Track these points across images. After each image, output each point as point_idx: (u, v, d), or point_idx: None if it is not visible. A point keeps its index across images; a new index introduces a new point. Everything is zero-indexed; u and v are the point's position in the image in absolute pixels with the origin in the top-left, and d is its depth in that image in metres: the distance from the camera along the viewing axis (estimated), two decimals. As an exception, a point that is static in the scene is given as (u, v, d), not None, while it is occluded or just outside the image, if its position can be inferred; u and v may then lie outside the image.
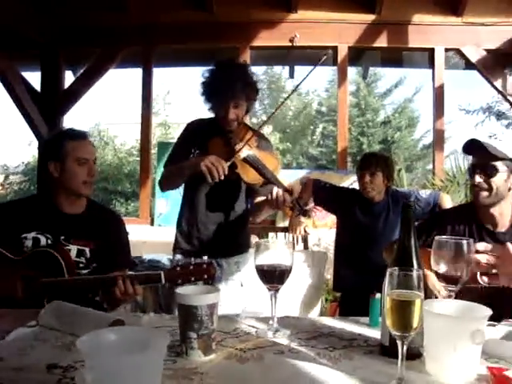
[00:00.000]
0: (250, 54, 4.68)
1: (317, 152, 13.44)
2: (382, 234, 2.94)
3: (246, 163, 2.21)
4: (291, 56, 5.07)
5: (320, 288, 3.03)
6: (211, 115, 2.40)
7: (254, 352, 1.27)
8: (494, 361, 1.24)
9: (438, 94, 4.72)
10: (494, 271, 1.41)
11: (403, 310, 1.00)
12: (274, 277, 1.41)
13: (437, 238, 1.42)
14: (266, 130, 13.92)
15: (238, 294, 2.39)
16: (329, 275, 3.42)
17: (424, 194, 3.21)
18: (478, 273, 1.41)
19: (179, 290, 1.27)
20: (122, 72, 5.69)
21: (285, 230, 3.37)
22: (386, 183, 3.06)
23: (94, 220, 2.12)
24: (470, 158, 2.17)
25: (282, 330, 1.43)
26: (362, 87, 14.71)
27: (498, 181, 2.01)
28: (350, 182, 4.18)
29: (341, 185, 3.94)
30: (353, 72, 11.67)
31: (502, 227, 2.09)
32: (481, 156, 2.06)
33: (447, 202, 3.12)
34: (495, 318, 1.51)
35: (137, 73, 4.94)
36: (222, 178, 2.08)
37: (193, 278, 1.63)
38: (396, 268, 1.02)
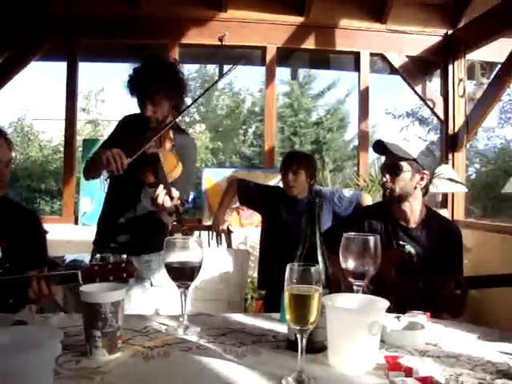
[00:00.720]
0: (178, 52, 4.63)
1: (250, 151, 13.53)
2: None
3: (146, 161, 2.17)
4: (221, 55, 5.06)
5: (242, 286, 3.05)
6: None
7: (161, 349, 1.26)
8: (393, 350, 1.30)
9: (363, 97, 4.87)
10: None
11: (301, 305, 1.02)
12: (183, 274, 1.40)
13: (345, 234, 1.47)
14: (198, 129, 13.88)
15: (148, 294, 2.35)
16: (255, 273, 3.45)
17: (347, 193, 3.30)
18: None
19: (83, 288, 1.24)
20: (50, 65, 5.47)
21: (209, 228, 3.37)
22: (309, 181, 3.12)
23: (6, 218, 2.03)
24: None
25: (192, 328, 1.43)
26: (295, 88, 14.94)
27: (402, 180, 2.11)
28: (277, 180, 4.23)
29: (267, 183, 3.98)
30: (287, 73, 11.84)
31: (414, 223, 2.19)
32: (388, 156, 2.17)
33: (368, 200, 3.23)
34: (401, 310, 1.58)
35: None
36: (121, 172, 2.05)
37: (111, 277, 1.58)
38: (295, 263, 1.04)
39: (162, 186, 2.06)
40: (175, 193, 2.06)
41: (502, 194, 5.59)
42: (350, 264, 1.44)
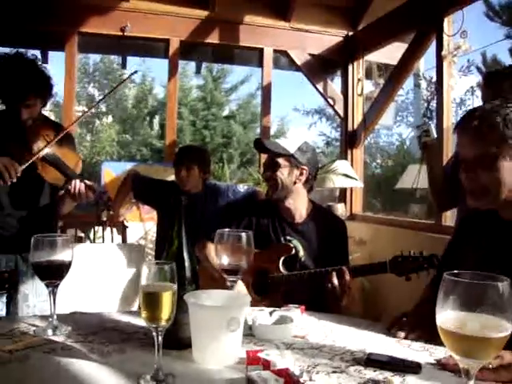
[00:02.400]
0: (78, 40, 4.46)
1: (160, 144, 13.29)
2: (198, 227, 3.00)
3: (46, 163, 2.13)
4: (123, 46, 4.94)
5: (138, 282, 3.01)
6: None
7: (22, 353, 1.21)
8: (261, 344, 1.33)
9: (266, 93, 4.94)
10: None
11: (154, 303, 1.02)
12: (51, 273, 1.36)
13: (218, 231, 1.49)
14: (105, 121, 13.48)
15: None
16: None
17: (242, 188, 3.34)
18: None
19: None
20: None
21: (105, 223, 3.29)
22: (203, 176, 3.13)
23: None
24: None
25: (62, 327, 1.39)
26: (208, 81, 14.88)
27: (280, 175, 2.18)
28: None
29: (168, 178, 3.94)
30: (202, 67, 11.73)
31: (300, 218, 2.26)
32: (267, 154, 2.24)
33: (262, 196, 3.28)
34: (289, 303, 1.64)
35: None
36: (15, 180, 2.00)
37: None
38: (152, 261, 1.04)
39: (74, 181, 2.12)
40: (89, 183, 2.13)
41: (399, 189, 5.89)
42: (223, 260, 1.46)
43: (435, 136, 2.74)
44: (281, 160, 2.18)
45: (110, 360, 1.18)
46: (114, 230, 3.40)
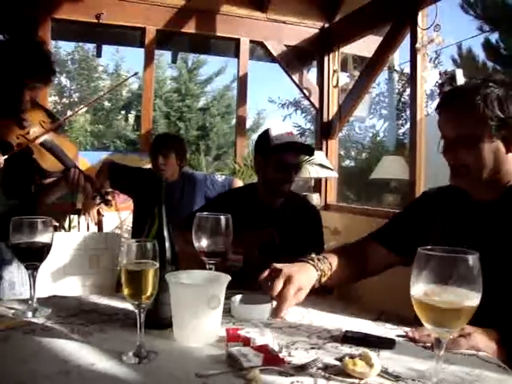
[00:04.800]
0: (51, 27, 4.38)
1: (135, 135, 13.20)
2: (176, 215, 3.02)
3: (44, 148, 2.10)
4: (98, 34, 4.88)
5: (114, 270, 3.00)
6: None
7: (2, 334, 1.21)
8: (240, 323, 1.36)
9: (242, 83, 4.97)
10: None
11: (136, 280, 1.04)
12: (31, 255, 1.37)
13: (197, 214, 1.51)
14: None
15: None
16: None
17: (220, 178, 3.36)
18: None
19: None
20: None
21: (80, 211, 3.28)
22: (180, 163, 3.14)
23: None
24: None
25: (42, 310, 1.39)
26: (183, 73, 14.80)
27: None
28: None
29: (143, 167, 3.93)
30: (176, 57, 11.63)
31: (277, 205, 2.30)
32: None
33: (239, 185, 3.31)
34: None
35: None
36: None
37: None
38: (132, 240, 1.06)
39: (74, 169, 2.11)
40: (87, 173, 2.16)
41: (373, 180, 5.98)
42: (202, 243, 1.48)
43: None
44: None
45: (91, 339, 1.19)
46: (89, 219, 3.38)
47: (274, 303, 1.47)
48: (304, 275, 1.46)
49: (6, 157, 2.00)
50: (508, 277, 1.30)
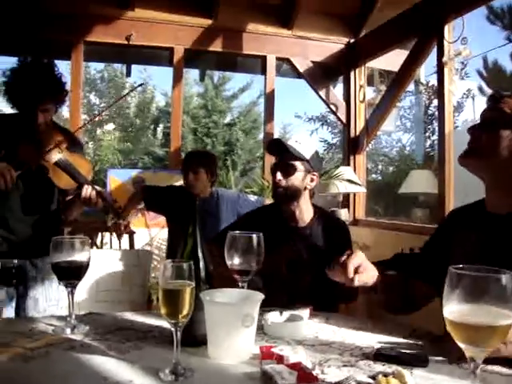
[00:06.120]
0: (83, 49, 4.52)
1: (163, 152, 13.38)
2: (211, 231, 3.06)
3: (59, 168, 2.19)
4: (128, 54, 5.01)
5: (145, 286, 3.05)
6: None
7: (42, 350, 1.26)
8: (273, 341, 1.38)
9: (269, 100, 5.01)
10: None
11: (174, 299, 1.07)
12: (69, 273, 1.41)
13: (229, 232, 1.54)
14: (107, 128, 13.56)
15: (56, 293, 2.33)
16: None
17: (252, 197, 3.41)
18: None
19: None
20: None
21: (113, 229, 3.35)
22: (211, 179, 3.19)
23: None
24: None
25: (80, 327, 1.44)
26: (210, 89, 14.96)
27: (295, 179, 2.21)
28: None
29: (174, 184, 4.00)
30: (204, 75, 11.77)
31: (303, 222, 2.31)
32: (282, 156, 2.26)
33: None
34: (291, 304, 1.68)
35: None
36: (10, 186, 2.05)
37: None
38: (169, 260, 1.09)
39: (86, 186, 2.19)
40: (99, 189, 2.23)
41: (402, 194, 5.94)
42: (235, 261, 1.51)
43: None
44: (297, 163, 2.21)
45: (128, 356, 1.22)
46: (123, 236, 3.45)
47: (306, 321, 1.49)
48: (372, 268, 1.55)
49: (19, 172, 2.08)
50: None
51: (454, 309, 0.88)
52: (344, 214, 4.58)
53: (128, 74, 5.58)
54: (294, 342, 1.37)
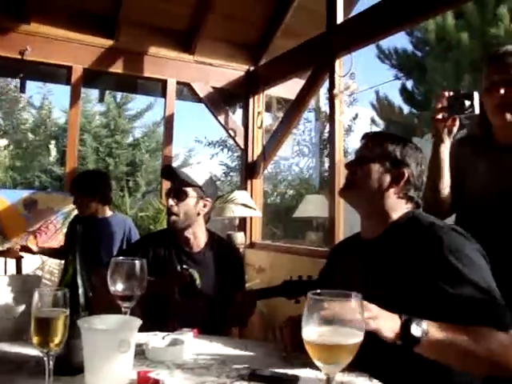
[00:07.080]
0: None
1: (62, 171, 12.84)
2: (100, 255, 3.02)
3: None
4: (22, 69, 4.82)
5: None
6: None
7: None
8: (154, 365, 1.40)
9: (168, 123, 5.02)
10: None
11: (45, 328, 1.07)
12: None
13: (113, 258, 1.55)
14: (1, 143, 12.80)
15: None
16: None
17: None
18: None
19: None
20: None
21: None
22: (98, 201, 3.16)
23: None
24: None
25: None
26: (112, 108, 14.65)
27: (186, 205, 2.25)
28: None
29: (66, 206, 3.90)
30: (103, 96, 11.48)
31: (197, 247, 2.35)
32: (174, 182, 2.30)
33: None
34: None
35: None
36: None
37: None
38: (43, 289, 1.09)
39: None
40: None
41: (297, 218, 6.16)
42: (118, 287, 1.52)
43: (477, 112, 1.87)
44: (189, 189, 2.25)
45: (-2, 390, 1.19)
46: (9, 260, 3.29)
47: (189, 344, 1.53)
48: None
49: None
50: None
51: (312, 331, 0.97)
52: (240, 238, 4.67)
53: (22, 90, 5.34)
54: (174, 366, 1.40)
